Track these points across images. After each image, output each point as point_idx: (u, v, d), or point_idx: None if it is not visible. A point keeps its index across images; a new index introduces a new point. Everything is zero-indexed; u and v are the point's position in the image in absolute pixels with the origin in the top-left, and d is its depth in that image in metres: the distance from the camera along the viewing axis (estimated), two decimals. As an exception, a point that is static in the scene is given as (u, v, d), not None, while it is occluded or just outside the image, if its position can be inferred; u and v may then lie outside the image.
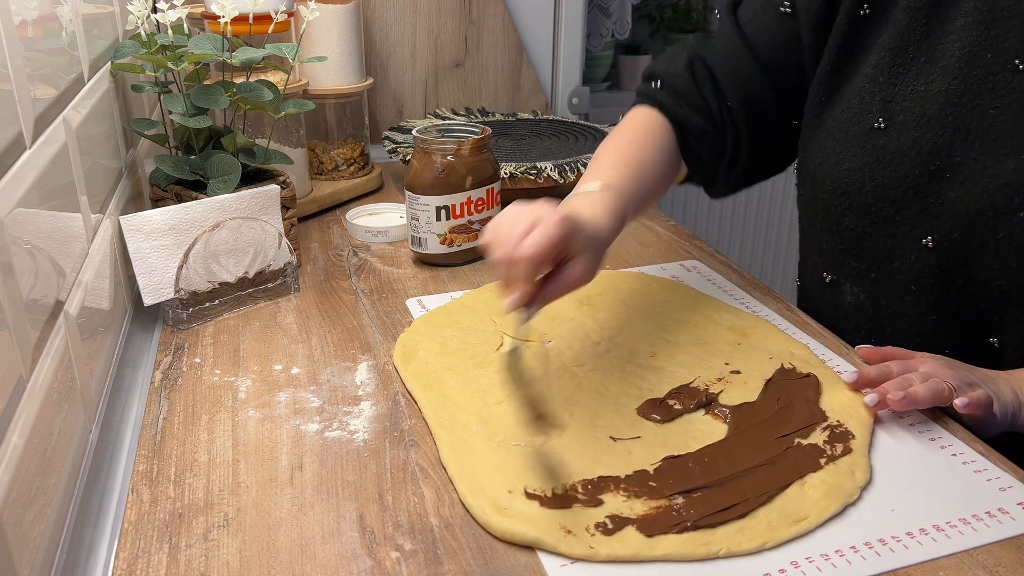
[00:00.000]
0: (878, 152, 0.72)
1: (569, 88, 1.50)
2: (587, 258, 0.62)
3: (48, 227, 0.55)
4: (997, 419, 0.63)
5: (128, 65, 0.84)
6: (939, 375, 0.64)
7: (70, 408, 0.55)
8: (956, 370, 0.65)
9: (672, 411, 0.65)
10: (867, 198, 0.73)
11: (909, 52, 0.72)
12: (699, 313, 0.80)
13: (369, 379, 0.71)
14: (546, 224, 0.58)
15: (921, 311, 0.73)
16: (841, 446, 0.60)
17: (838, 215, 0.76)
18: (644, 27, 2.14)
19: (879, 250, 0.74)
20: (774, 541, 0.52)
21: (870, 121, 0.73)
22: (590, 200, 0.70)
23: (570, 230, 0.59)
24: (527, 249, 0.57)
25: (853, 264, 0.77)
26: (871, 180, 0.72)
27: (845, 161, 0.74)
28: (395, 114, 1.41)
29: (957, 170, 0.68)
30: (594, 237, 0.64)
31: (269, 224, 0.83)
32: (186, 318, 0.79)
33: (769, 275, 2.16)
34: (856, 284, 0.78)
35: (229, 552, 0.52)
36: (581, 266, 0.61)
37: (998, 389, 0.64)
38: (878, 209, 0.72)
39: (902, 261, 0.72)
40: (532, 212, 0.60)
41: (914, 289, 0.72)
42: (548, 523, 0.53)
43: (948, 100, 0.69)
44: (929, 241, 0.70)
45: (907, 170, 0.70)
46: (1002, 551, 0.52)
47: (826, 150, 0.76)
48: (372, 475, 0.59)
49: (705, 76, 0.82)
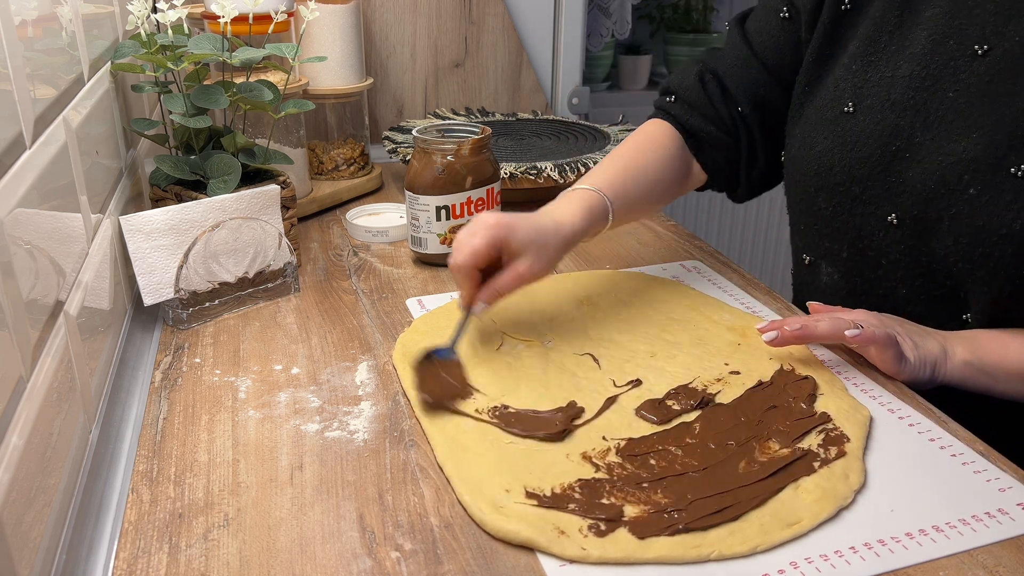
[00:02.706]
0: (847, 135, 0.76)
1: (569, 88, 1.50)
2: (530, 256, 0.70)
3: (48, 227, 0.55)
4: (911, 363, 0.67)
5: (128, 65, 0.84)
6: (858, 319, 0.68)
7: (70, 408, 0.55)
8: (881, 319, 0.69)
9: (670, 411, 0.65)
10: (836, 178, 0.77)
11: (882, 41, 0.76)
12: (699, 313, 0.80)
13: (369, 379, 0.71)
14: (475, 236, 0.68)
15: (891, 286, 0.75)
16: (835, 449, 0.60)
17: (812, 196, 0.80)
18: (644, 27, 2.14)
19: (849, 229, 0.77)
20: (766, 544, 0.52)
21: (841, 106, 0.77)
22: (565, 198, 0.78)
23: (500, 236, 0.69)
24: (455, 258, 0.69)
25: (827, 244, 0.80)
26: (840, 161, 0.76)
27: (818, 144, 0.78)
28: (395, 114, 1.41)
29: (916, 150, 0.71)
30: (537, 236, 0.71)
31: (269, 224, 0.83)
32: (186, 318, 0.79)
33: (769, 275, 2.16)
34: (831, 264, 0.81)
35: (229, 552, 0.52)
36: (524, 264, 0.70)
37: (922, 340, 0.69)
38: (846, 189, 0.76)
39: (871, 239, 0.76)
40: (475, 223, 0.70)
41: (884, 264, 0.75)
42: (543, 523, 0.53)
43: (911, 84, 0.72)
44: (893, 218, 0.73)
45: (871, 151, 0.74)
46: (1002, 551, 0.52)
47: (804, 135, 0.81)
48: (372, 475, 0.59)
49: (715, 86, 0.87)
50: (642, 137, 0.88)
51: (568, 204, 0.77)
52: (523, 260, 0.70)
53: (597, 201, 0.78)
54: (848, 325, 0.67)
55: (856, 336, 0.66)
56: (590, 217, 0.77)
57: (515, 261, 0.70)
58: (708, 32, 2.10)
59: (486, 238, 0.68)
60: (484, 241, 0.68)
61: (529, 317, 0.79)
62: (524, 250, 0.70)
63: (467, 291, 0.70)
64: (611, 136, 1.21)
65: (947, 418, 0.65)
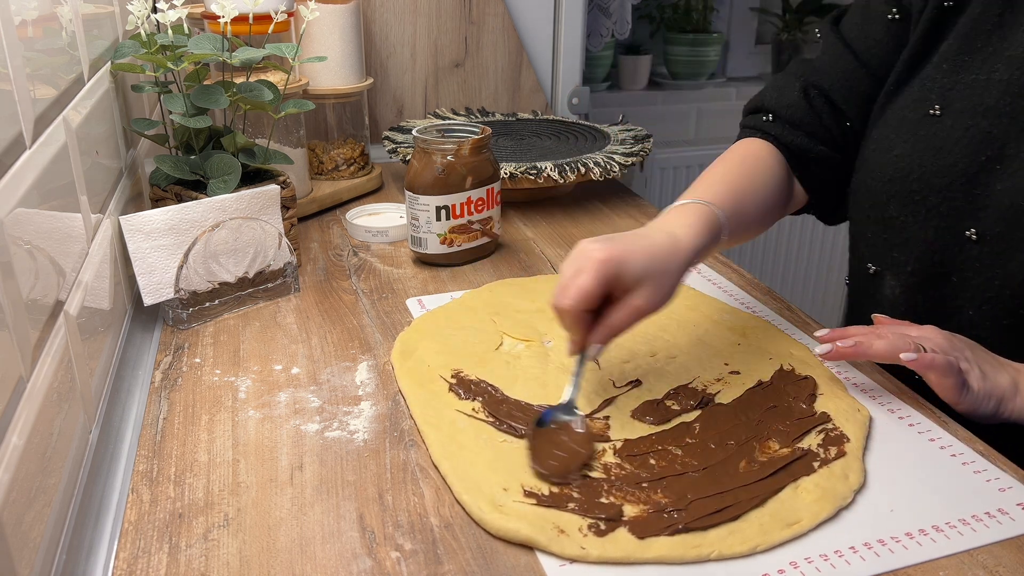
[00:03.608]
0: (930, 139, 0.70)
1: (569, 88, 1.50)
2: (647, 288, 0.61)
3: (48, 227, 0.55)
4: (973, 394, 0.61)
5: (128, 65, 0.84)
6: (924, 338, 0.62)
7: (70, 408, 0.55)
8: (952, 341, 0.63)
9: (669, 412, 0.65)
10: (913, 185, 0.71)
11: (978, 42, 0.70)
12: (699, 313, 0.80)
13: (369, 379, 0.71)
14: (583, 274, 0.60)
15: (958, 306, 0.70)
16: (835, 449, 0.60)
17: (883, 203, 0.74)
18: (644, 27, 2.14)
19: (919, 241, 0.72)
20: (766, 544, 0.52)
21: (926, 108, 0.71)
22: (676, 212, 0.69)
23: (611, 272, 0.60)
24: (563, 302, 0.60)
25: (894, 255, 0.75)
26: (919, 167, 0.71)
27: (897, 147, 0.73)
28: (395, 114, 1.41)
29: (1008, 162, 0.66)
30: (652, 264, 0.62)
31: (269, 224, 0.83)
32: (186, 318, 0.79)
33: (769, 275, 2.16)
34: (895, 277, 0.76)
35: (229, 552, 0.52)
36: (640, 298, 0.61)
37: (992, 371, 0.63)
38: (922, 198, 0.71)
39: (943, 255, 0.70)
40: (580, 256, 0.61)
41: (954, 282, 0.70)
42: (542, 522, 0.53)
43: (1009, 90, 0.67)
44: (972, 234, 0.68)
45: (956, 159, 0.68)
46: (1002, 551, 0.52)
47: (882, 136, 0.75)
48: (372, 475, 0.59)
49: (822, 102, 0.82)
50: (743, 155, 0.81)
51: (683, 218, 0.68)
52: (640, 294, 0.61)
53: (713, 216, 0.69)
54: (907, 346, 0.61)
55: (912, 361, 0.60)
56: (709, 233, 0.68)
57: (630, 295, 0.61)
58: (708, 32, 2.10)
59: (595, 277, 0.59)
60: (593, 281, 0.59)
61: (529, 317, 0.79)
62: (639, 283, 0.61)
63: (578, 336, 0.62)
64: (611, 136, 1.21)
65: (947, 418, 0.65)
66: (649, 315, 0.62)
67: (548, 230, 1.05)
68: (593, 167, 1.06)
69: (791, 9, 2.13)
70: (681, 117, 2.15)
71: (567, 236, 1.03)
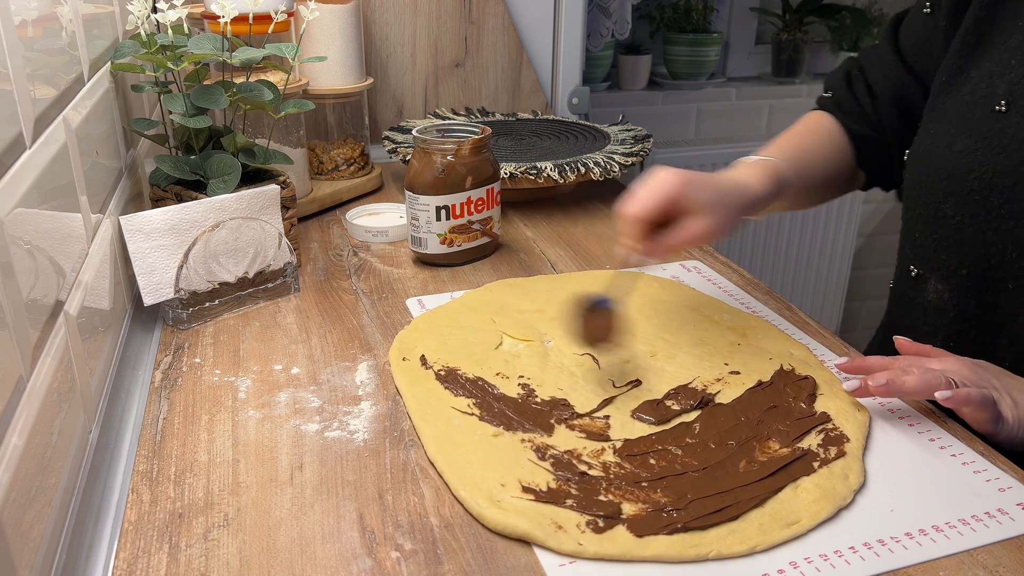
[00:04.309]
0: (995, 136, 0.68)
1: (569, 88, 1.50)
2: (709, 216, 0.66)
3: (48, 227, 0.55)
4: (1008, 425, 0.60)
5: (128, 65, 0.84)
6: (950, 371, 0.61)
7: (70, 408, 0.55)
8: (977, 371, 0.61)
9: (669, 411, 0.65)
10: (973, 184, 0.69)
11: None
12: (699, 313, 0.80)
13: (369, 379, 0.71)
14: (653, 188, 0.65)
15: (1012, 314, 0.68)
16: (835, 449, 0.60)
17: (938, 201, 0.72)
18: (644, 27, 2.14)
19: (976, 244, 0.70)
20: (765, 544, 0.52)
21: (992, 103, 0.69)
22: (742, 166, 0.74)
23: (680, 189, 0.65)
24: (629, 207, 0.65)
25: (943, 258, 0.73)
26: (981, 166, 0.68)
27: (958, 143, 0.71)
28: (395, 114, 1.41)
29: None
30: (717, 196, 0.67)
31: (269, 224, 0.83)
32: (186, 318, 0.79)
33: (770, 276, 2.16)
34: (942, 281, 0.74)
35: (229, 552, 0.52)
36: (698, 224, 0.66)
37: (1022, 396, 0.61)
38: (983, 198, 0.68)
39: (1001, 259, 0.68)
40: (655, 175, 0.66)
41: (1011, 289, 0.68)
42: (540, 517, 0.53)
43: None
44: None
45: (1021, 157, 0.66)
46: (1002, 551, 0.52)
47: (940, 131, 0.73)
48: (372, 475, 0.59)
49: (861, 83, 0.86)
50: (808, 123, 0.86)
51: (749, 169, 0.73)
52: (700, 220, 0.66)
53: (778, 169, 0.73)
54: (939, 383, 0.60)
55: (948, 399, 0.59)
56: (774, 184, 0.72)
57: (690, 219, 0.66)
58: (708, 32, 2.09)
59: (665, 193, 0.65)
60: (663, 195, 0.64)
61: (529, 317, 0.79)
62: (701, 210, 0.66)
63: (631, 242, 0.67)
64: (611, 136, 1.21)
65: (947, 418, 0.65)
66: (702, 243, 0.68)
67: (548, 230, 1.05)
68: (593, 167, 1.06)
69: (791, 9, 2.13)
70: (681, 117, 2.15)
71: (567, 236, 1.03)
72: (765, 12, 2.18)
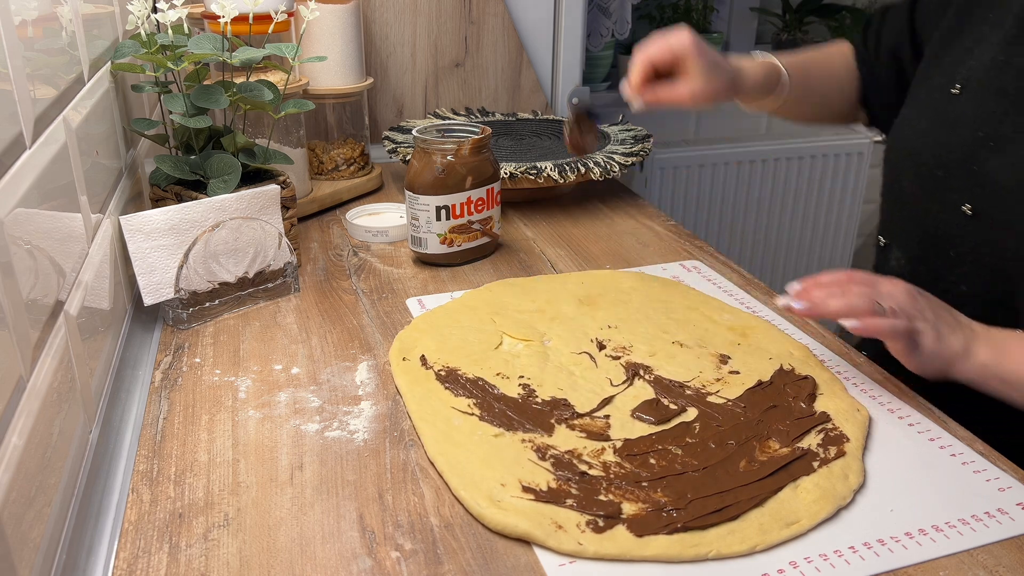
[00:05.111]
0: (946, 116, 0.75)
1: (569, 88, 1.50)
2: (699, 80, 0.75)
3: (48, 227, 0.55)
4: (923, 357, 0.63)
5: (128, 65, 0.84)
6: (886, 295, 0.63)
7: (70, 408, 0.55)
8: (915, 300, 0.64)
9: (669, 411, 0.65)
10: (925, 159, 0.75)
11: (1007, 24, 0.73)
12: (699, 313, 0.80)
13: (369, 379, 0.71)
14: (669, 36, 0.75)
15: (955, 281, 0.73)
16: (835, 449, 0.60)
17: (899, 176, 0.80)
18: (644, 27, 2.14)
19: (925, 215, 0.76)
20: (765, 544, 0.52)
21: (951, 87, 0.75)
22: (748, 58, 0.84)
23: (689, 49, 0.74)
24: (642, 50, 0.76)
25: (900, 227, 0.81)
26: (934, 143, 0.75)
27: (921, 123, 0.78)
28: (395, 114, 1.41)
29: (1003, 141, 0.69)
30: (718, 70, 0.76)
31: (269, 224, 0.83)
32: (186, 318, 0.79)
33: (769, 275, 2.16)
34: (900, 248, 0.81)
35: (229, 552, 0.52)
36: (688, 84, 0.75)
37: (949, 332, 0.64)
38: (930, 172, 0.75)
39: (944, 228, 0.74)
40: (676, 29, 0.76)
41: (952, 256, 0.73)
42: (540, 517, 0.53)
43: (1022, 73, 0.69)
44: (968, 209, 0.71)
45: (964, 136, 0.72)
46: (1002, 551, 0.52)
47: (910, 114, 0.81)
48: (372, 475, 0.59)
49: (874, 27, 0.92)
50: (832, 47, 0.93)
51: (752, 61, 0.82)
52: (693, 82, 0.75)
53: (778, 70, 0.83)
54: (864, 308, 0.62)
55: (856, 328, 0.62)
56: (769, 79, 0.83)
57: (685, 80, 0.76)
58: (708, 32, 2.10)
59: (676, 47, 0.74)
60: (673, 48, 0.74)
61: (529, 317, 0.79)
62: (699, 74, 0.75)
63: (635, 81, 0.77)
64: (611, 136, 1.21)
65: (947, 418, 0.65)
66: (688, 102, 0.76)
67: (548, 230, 1.05)
68: (593, 167, 1.06)
69: (791, 9, 2.13)
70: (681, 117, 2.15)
71: (567, 236, 1.03)
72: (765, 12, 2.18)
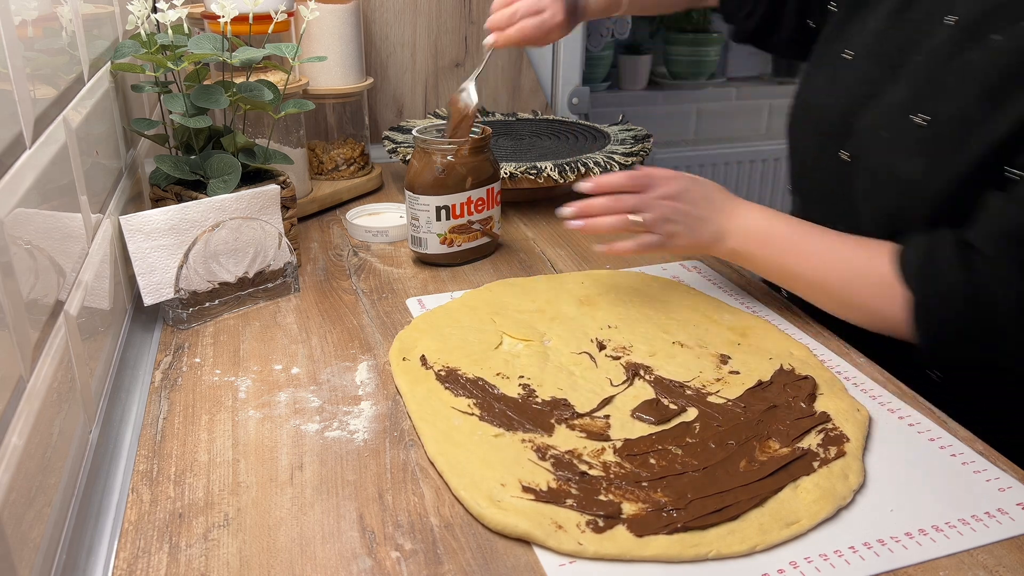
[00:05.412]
0: (838, 79, 0.82)
1: (569, 88, 1.50)
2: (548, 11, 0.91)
3: (48, 227, 0.55)
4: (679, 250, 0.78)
5: (128, 65, 0.84)
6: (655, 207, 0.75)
7: (70, 408, 0.55)
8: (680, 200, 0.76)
9: (669, 411, 0.65)
10: (819, 115, 0.83)
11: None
12: (699, 313, 0.80)
13: (369, 379, 0.71)
14: None
15: (832, 223, 0.77)
16: (835, 449, 0.60)
17: (799, 133, 0.87)
18: (644, 27, 2.14)
19: (816, 166, 0.84)
20: (765, 544, 0.52)
21: (843, 51, 0.83)
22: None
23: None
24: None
25: (798, 178, 0.89)
26: (826, 101, 0.83)
27: (819, 85, 0.86)
28: (395, 114, 1.41)
29: (877, 99, 0.77)
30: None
31: (269, 224, 0.83)
32: (186, 318, 0.79)
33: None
34: (798, 195, 0.90)
35: (229, 552, 0.52)
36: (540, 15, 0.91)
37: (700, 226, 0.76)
38: (821, 127, 0.82)
39: (826, 173, 0.82)
40: None
41: (831, 198, 0.82)
42: (540, 517, 0.53)
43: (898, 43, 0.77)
44: (845, 155, 0.78)
45: (850, 96, 0.80)
46: (1002, 551, 0.52)
47: (811, 76, 0.88)
48: (372, 475, 0.59)
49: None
50: None
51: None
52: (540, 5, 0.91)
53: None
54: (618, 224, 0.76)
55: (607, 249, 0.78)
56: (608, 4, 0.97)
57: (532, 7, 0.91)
58: (708, 32, 2.10)
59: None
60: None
61: (529, 317, 0.79)
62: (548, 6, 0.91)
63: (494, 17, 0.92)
64: (611, 136, 1.21)
65: (947, 418, 0.65)
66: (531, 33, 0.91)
67: (548, 230, 1.05)
68: (593, 167, 1.06)
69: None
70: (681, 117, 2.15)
71: (567, 236, 1.03)
72: (765, 12, 2.18)
